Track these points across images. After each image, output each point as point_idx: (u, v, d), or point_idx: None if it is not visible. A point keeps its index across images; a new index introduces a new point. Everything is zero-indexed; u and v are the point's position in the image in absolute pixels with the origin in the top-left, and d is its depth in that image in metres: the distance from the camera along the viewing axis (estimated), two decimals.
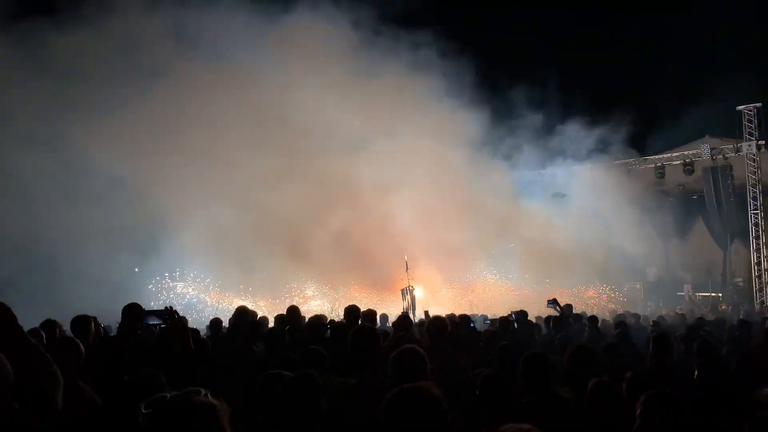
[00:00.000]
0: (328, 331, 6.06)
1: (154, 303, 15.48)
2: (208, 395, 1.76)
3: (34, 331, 5.05)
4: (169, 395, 1.75)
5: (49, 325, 5.49)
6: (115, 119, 15.43)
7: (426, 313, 9.58)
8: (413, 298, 14.41)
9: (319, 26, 17.88)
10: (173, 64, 16.37)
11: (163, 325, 4.11)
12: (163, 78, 16.25)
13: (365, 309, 7.53)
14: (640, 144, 21.70)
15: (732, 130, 20.69)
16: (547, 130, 21.46)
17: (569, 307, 11.44)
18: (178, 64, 16.40)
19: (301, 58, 17.99)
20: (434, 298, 17.80)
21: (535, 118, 20.95)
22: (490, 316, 10.28)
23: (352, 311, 6.56)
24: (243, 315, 6.44)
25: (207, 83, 16.92)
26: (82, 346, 3.79)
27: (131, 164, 15.86)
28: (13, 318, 2.60)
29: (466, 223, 19.26)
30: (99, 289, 12.87)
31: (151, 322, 3.97)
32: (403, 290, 14.46)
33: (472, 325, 7.55)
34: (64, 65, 14.61)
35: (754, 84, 20.54)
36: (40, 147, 14.55)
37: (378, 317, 8.38)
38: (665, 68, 26.14)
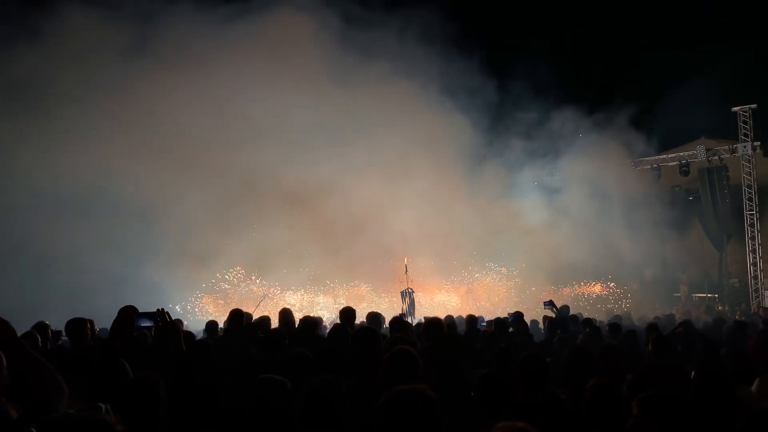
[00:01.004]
0: (326, 332, 6.07)
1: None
2: (109, 411, 1.72)
3: (27, 335, 5.03)
4: (59, 414, 1.71)
5: (41, 327, 5.48)
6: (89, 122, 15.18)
7: (425, 318, 9.59)
8: (413, 301, 14.45)
9: (295, 19, 17.48)
10: (146, 68, 15.95)
11: (154, 327, 4.09)
12: (133, 82, 15.84)
13: (368, 311, 7.57)
14: (636, 145, 21.72)
15: (727, 131, 20.80)
16: (543, 131, 21.49)
17: (566, 308, 11.49)
18: (152, 67, 15.97)
19: (285, 52, 17.67)
20: (434, 301, 17.81)
21: (531, 119, 20.99)
22: (486, 318, 10.30)
23: (346, 313, 6.58)
24: (239, 318, 6.43)
25: (189, 89, 16.61)
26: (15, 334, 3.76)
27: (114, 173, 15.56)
28: (12, 332, 2.63)
29: (464, 224, 19.27)
30: (94, 299, 12.68)
31: (143, 324, 3.96)
32: (402, 292, 14.51)
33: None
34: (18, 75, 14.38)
35: (750, 85, 20.63)
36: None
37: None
38: (661, 69, 26.24)
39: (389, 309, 14.79)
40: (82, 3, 15.11)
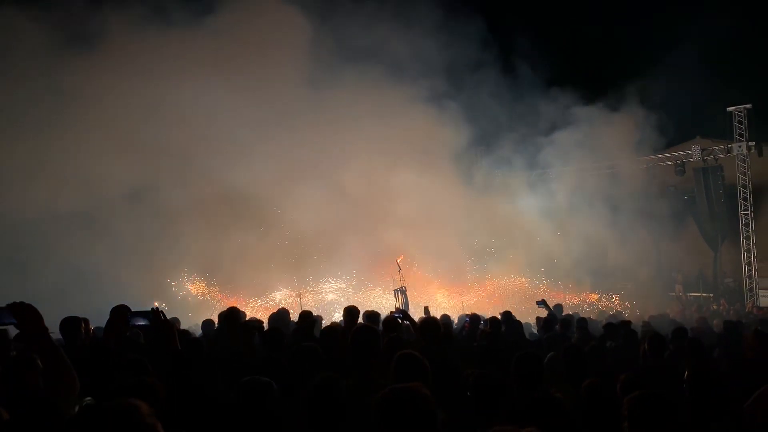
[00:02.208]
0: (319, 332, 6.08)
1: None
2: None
3: None
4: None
5: None
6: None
7: (426, 309, 9.64)
8: (406, 299, 14.41)
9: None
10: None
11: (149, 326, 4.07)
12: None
13: (364, 310, 7.57)
14: (631, 145, 21.73)
15: (722, 131, 20.86)
16: (538, 130, 21.51)
17: (559, 307, 11.51)
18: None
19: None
20: (431, 301, 17.77)
21: (526, 118, 20.99)
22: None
23: (350, 312, 6.59)
24: (234, 316, 6.38)
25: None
26: None
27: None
28: (41, 319, 2.68)
29: (458, 225, 19.26)
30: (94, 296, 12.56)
31: (137, 323, 3.93)
32: (395, 291, 14.46)
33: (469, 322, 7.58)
34: None
35: (744, 85, 20.70)
36: None
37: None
38: (657, 69, 26.29)
39: (380, 307, 14.73)
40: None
